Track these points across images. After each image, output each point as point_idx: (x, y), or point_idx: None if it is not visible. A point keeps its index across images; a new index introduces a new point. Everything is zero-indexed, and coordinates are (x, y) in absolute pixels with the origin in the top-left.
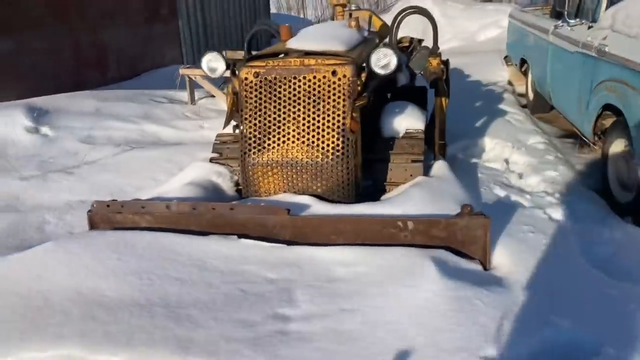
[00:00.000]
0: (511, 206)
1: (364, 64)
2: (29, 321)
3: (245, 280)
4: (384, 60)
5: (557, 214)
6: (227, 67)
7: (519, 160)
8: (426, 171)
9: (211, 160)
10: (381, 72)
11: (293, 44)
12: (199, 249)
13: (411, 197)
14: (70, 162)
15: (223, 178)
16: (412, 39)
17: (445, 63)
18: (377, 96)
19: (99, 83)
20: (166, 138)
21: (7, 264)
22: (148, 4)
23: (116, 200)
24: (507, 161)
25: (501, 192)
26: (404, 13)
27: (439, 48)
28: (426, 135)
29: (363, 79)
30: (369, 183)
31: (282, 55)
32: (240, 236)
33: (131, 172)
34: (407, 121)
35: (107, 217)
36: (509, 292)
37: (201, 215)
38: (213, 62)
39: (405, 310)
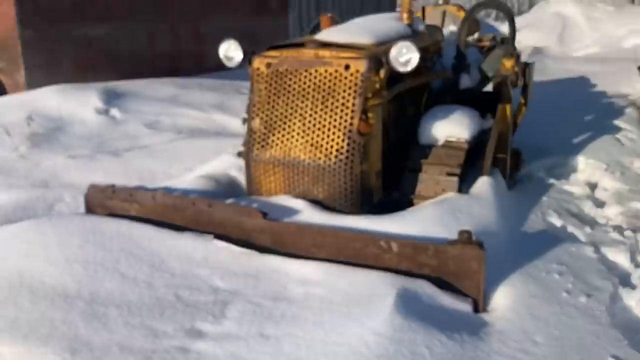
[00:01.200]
0: (555, 239)
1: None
2: None
3: (189, 285)
4: (404, 56)
5: (612, 254)
6: (245, 57)
7: (609, 186)
8: (464, 187)
9: (238, 154)
10: (401, 69)
11: (321, 34)
12: (164, 246)
13: (423, 215)
14: (125, 145)
15: (242, 173)
16: (495, 36)
17: (526, 66)
18: (418, 97)
19: (195, 72)
20: (233, 129)
21: None
22: None
23: (113, 185)
24: (593, 186)
25: (558, 221)
26: (477, 7)
27: (515, 49)
28: (479, 147)
29: (382, 75)
30: (397, 194)
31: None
32: (218, 236)
33: (172, 160)
34: (449, 128)
35: (102, 201)
36: (482, 344)
37: (183, 210)
38: (230, 51)
39: (329, 349)
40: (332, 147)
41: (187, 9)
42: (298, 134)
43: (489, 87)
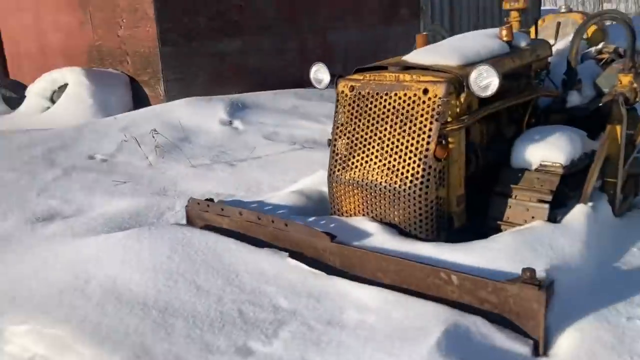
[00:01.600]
0: None
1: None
2: (43, 297)
3: (254, 301)
4: (484, 81)
5: None
6: (332, 79)
7: None
8: (558, 215)
9: None
10: (481, 94)
11: (409, 55)
12: (242, 261)
13: (499, 245)
14: (242, 156)
15: None
16: (616, 48)
17: None
18: (519, 117)
19: None
20: None
21: (92, 242)
22: (384, 4)
23: (211, 199)
24: None
25: None
26: (591, 19)
27: (635, 63)
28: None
29: (462, 99)
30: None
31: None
32: (294, 254)
33: (281, 171)
34: (545, 151)
35: (199, 214)
36: None
37: (264, 227)
38: (319, 73)
39: None
40: (407, 171)
41: (315, 21)
42: (377, 157)
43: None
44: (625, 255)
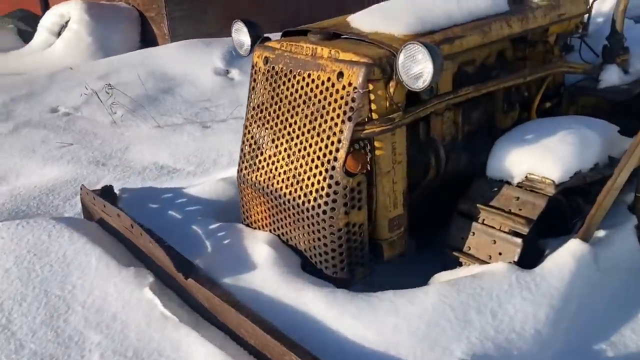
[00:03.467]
0: None
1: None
2: None
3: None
4: (414, 68)
5: None
6: (253, 45)
7: None
8: (536, 254)
9: None
10: (412, 85)
11: (355, 16)
12: (88, 286)
13: (418, 309)
14: (224, 114)
15: None
16: None
17: None
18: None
19: None
20: None
21: None
22: None
23: (109, 187)
24: None
25: None
26: None
27: None
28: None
29: (392, 90)
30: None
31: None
32: (163, 278)
33: None
34: (534, 158)
35: (92, 206)
36: None
37: (136, 238)
38: (240, 34)
39: None
40: (312, 184)
41: None
42: (284, 158)
43: None
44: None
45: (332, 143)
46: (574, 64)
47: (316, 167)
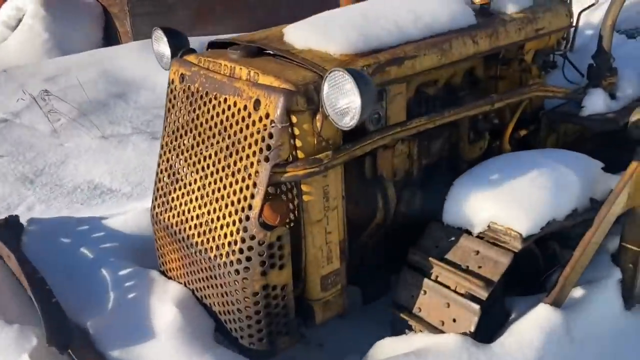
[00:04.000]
0: None
1: None
2: None
3: None
4: (339, 101)
5: None
6: (174, 55)
7: None
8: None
9: None
10: (339, 122)
11: (290, 28)
12: None
13: None
14: None
15: None
16: None
17: None
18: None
19: None
20: None
21: None
22: None
23: (14, 217)
24: None
25: None
26: None
27: None
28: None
29: (319, 125)
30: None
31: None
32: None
33: None
34: (499, 204)
35: None
36: None
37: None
38: (159, 44)
39: None
40: (225, 236)
41: None
42: (197, 199)
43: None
44: None
45: (247, 187)
46: (553, 88)
47: (230, 214)
